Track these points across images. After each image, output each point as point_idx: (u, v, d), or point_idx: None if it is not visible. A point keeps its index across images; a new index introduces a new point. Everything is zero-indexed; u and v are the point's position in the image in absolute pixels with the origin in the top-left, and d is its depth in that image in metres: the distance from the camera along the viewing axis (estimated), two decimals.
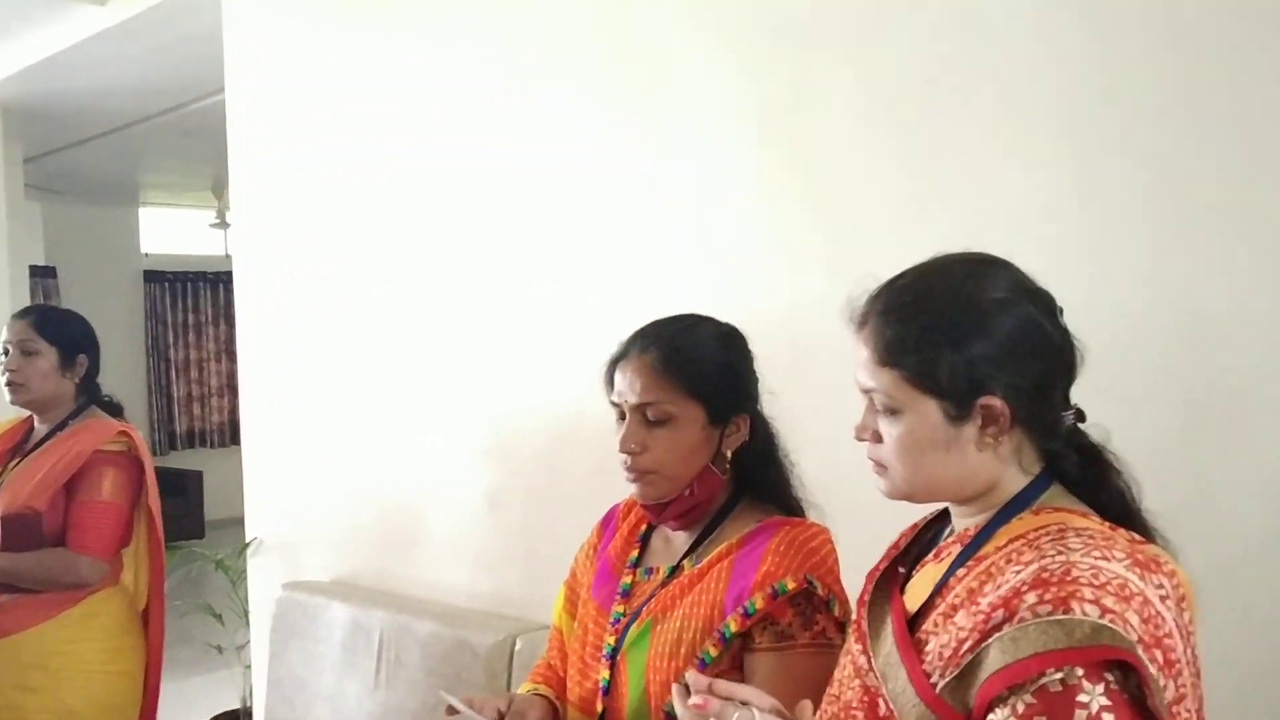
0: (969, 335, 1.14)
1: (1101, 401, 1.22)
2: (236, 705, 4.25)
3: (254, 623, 3.83)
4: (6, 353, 2.65)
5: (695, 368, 1.62)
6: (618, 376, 1.65)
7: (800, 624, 1.52)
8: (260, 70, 3.69)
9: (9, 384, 2.66)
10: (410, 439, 3.22)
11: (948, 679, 1.07)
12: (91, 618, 2.60)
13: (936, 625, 1.13)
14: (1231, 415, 1.75)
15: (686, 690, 1.17)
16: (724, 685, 1.18)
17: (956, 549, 1.19)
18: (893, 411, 1.17)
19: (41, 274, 8.77)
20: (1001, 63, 1.99)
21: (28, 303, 6.30)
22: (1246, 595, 1.71)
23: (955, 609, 1.11)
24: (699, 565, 1.60)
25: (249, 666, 3.99)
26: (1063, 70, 1.91)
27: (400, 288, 3.21)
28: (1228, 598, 1.69)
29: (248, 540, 3.85)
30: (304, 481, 3.62)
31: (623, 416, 1.64)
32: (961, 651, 1.07)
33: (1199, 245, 1.77)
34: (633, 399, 1.61)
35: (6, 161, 5.98)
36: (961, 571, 1.15)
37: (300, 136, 3.53)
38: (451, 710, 1.60)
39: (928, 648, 1.12)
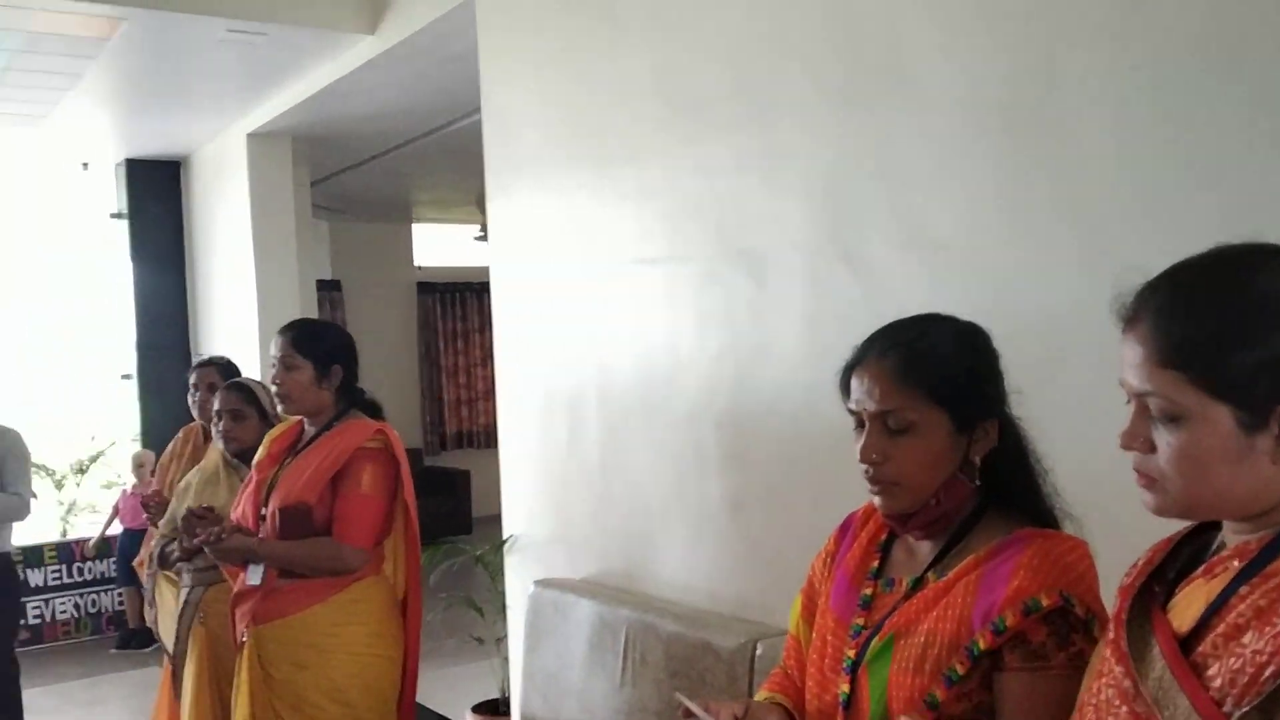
0: (1267, 334, 1.02)
1: None
2: (496, 695, 4.44)
3: (511, 617, 3.99)
4: (274, 366, 2.89)
5: (937, 372, 1.53)
6: (854, 383, 1.57)
7: (1055, 644, 1.42)
8: (512, 87, 3.84)
9: (277, 395, 2.91)
10: (654, 442, 3.26)
11: (1245, 708, 0.97)
12: (356, 603, 2.78)
13: (1217, 648, 1.02)
14: None
15: None
16: None
17: (1235, 565, 1.07)
18: (1173, 418, 1.06)
19: (328, 287, 9.51)
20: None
21: (316, 313, 6.85)
22: None
23: (1240, 630, 1.00)
24: (945, 578, 1.51)
25: (506, 659, 4.16)
26: None
27: (648, 294, 3.26)
28: None
29: (505, 537, 4.02)
30: (556, 482, 3.73)
31: (861, 424, 1.57)
32: (1263, 678, 0.96)
33: None
34: (871, 406, 1.54)
35: (296, 185, 6.54)
36: (1244, 589, 1.03)
37: (551, 149, 3.65)
38: (687, 713, 1.60)
39: (1209, 672, 1.01)
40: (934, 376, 1.52)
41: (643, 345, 3.28)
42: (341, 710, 2.73)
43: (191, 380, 3.90)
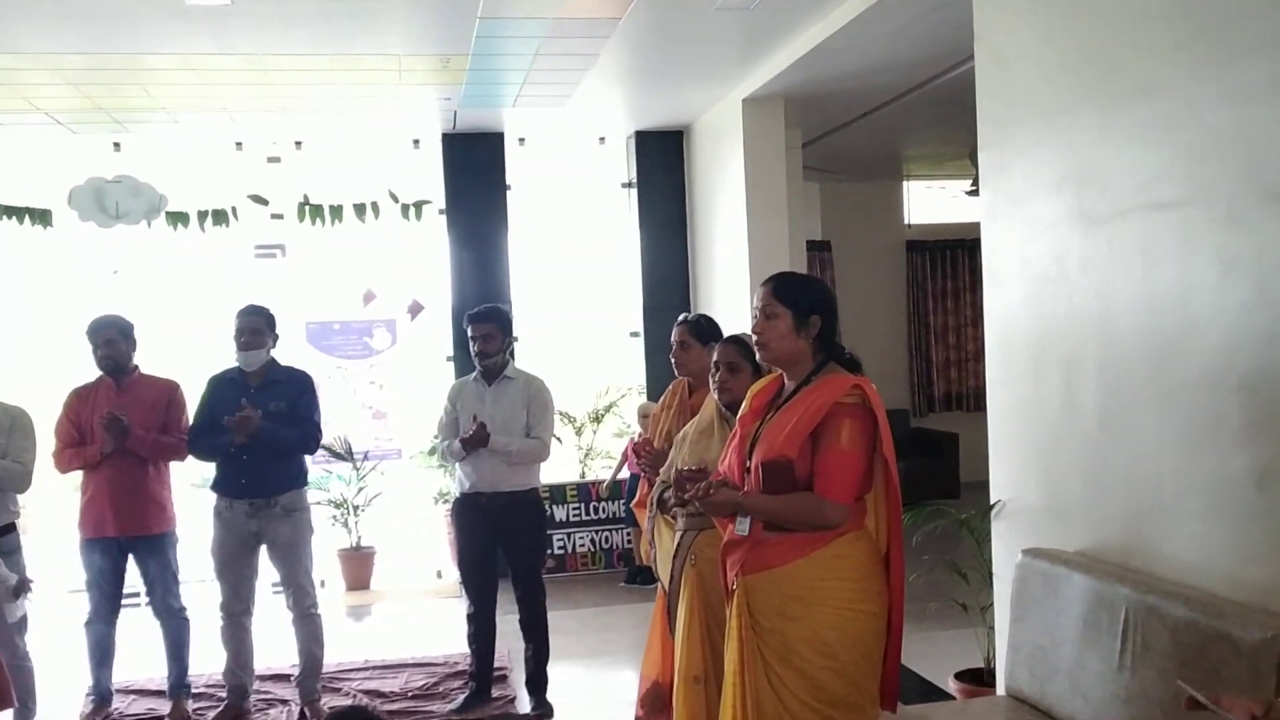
0: None
1: None
2: (979, 665, 4.29)
3: (997, 586, 3.83)
4: (755, 316, 2.94)
5: None
6: None
7: None
8: (1008, 26, 3.63)
9: (756, 343, 2.95)
10: (1162, 405, 2.95)
11: None
12: (840, 558, 2.78)
13: None
14: None
15: None
16: None
17: None
18: None
19: (817, 248, 9.66)
20: None
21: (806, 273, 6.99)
22: None
23: None
24: None
25: (992, 628, 4.00)
26: None
27: (1159, 242, 2.95)
28: None
29: (993, 503, 3.86)
30: (1049, 448, 3.51)
31: None
32: None
33: None
34: None
35: (788, 146, 6.69)
36: None
37: (1049, 89, 3.41)
38: (1193, 704, 1.43)
39: None
40: None
41: (1150, 299, 2.97)
42: (827, 663, 2.75)
43: (674, 337, 4.13)
